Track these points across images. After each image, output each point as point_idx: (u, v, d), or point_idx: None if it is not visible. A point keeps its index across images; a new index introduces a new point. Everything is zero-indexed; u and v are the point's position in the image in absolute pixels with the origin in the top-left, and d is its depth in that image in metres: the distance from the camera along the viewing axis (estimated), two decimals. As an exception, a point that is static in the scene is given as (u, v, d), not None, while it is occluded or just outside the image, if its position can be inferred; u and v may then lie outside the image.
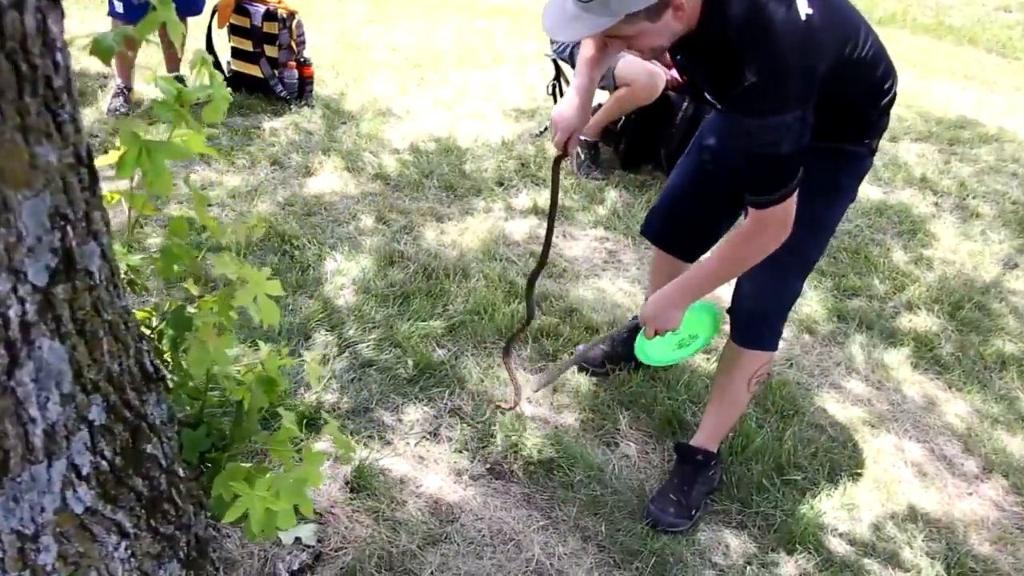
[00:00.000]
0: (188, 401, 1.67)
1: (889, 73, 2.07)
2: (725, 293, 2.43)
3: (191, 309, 1.55)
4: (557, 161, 2.27)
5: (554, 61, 4.27)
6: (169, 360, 1.61)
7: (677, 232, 2.56)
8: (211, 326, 1.48)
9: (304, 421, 2.39)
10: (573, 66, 4.13)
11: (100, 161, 1.27)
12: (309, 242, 3.31)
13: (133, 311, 1.41)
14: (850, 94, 1.98)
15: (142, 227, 3.14)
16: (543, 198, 3.86)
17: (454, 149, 4.31)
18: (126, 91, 4.43)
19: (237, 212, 3.50)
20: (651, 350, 2.30)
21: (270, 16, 4.43)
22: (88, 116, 4.25)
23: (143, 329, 1.54)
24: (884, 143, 5.15)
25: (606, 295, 3.24)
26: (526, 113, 4.91)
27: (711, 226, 2.50)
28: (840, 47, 1.88)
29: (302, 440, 2.28)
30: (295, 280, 3.06)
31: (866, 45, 1.97)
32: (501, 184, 4.00)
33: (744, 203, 1.92)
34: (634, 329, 2.41)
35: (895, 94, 2.09)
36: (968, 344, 3.30)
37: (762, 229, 1.90)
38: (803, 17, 1.74)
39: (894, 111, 2.14)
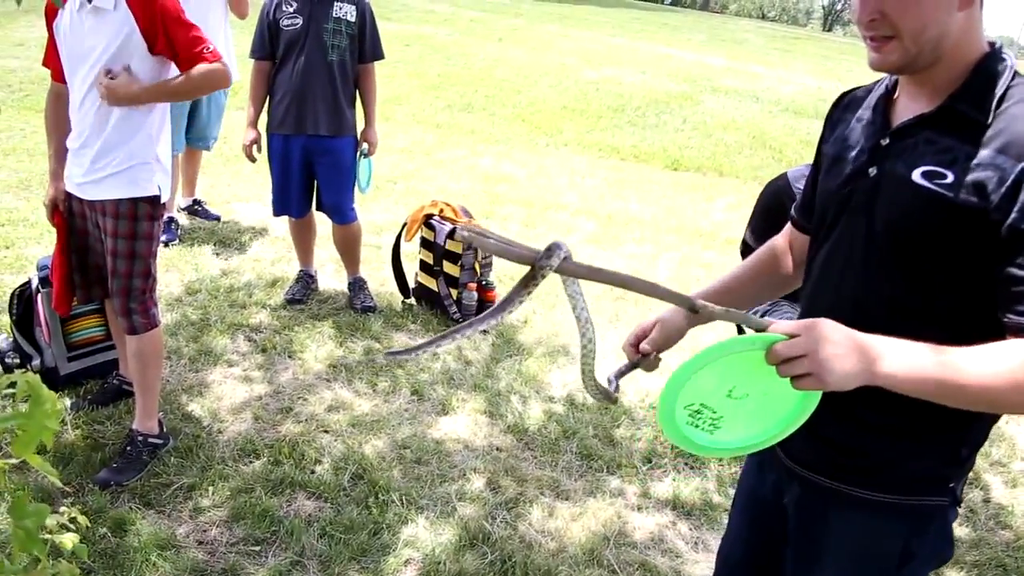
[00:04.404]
0: None
1: None
2: None
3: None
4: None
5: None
6: None
7: None
8: None
9: None
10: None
11: None
12: (399, 499, 2.98)
13: None
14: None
15: None
16: (690, 488, 3.27)
17: (613, 408, 3.86)
18: (307, 277, 4.59)
19: (347, 446, 3.27)
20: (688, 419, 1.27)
21: (455, 235, 4.35)
22: (272, 302, 4.34)
23: None
24: None
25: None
26: (717, 372, 4.35)
27: None
28: None
29: None
30: (358, 544, 2.72)
31: None
32: (649, 461, 3.45)
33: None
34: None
35: None
36: None
37: None
38: None
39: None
